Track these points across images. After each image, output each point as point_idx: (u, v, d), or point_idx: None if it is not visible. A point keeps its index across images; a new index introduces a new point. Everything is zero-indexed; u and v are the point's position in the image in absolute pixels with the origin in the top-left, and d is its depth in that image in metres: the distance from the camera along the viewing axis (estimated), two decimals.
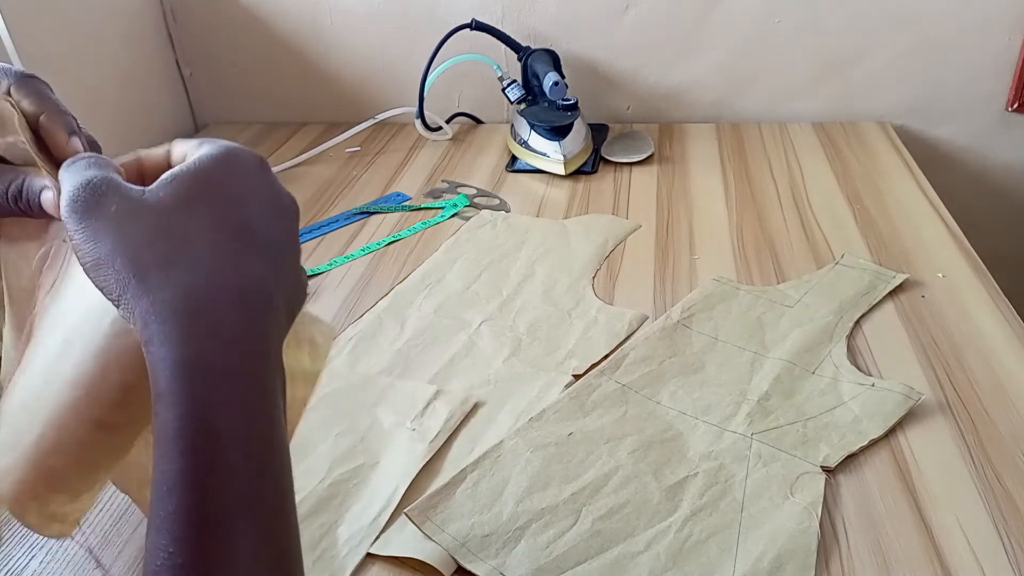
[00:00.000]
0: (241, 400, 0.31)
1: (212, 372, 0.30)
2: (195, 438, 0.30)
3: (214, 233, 0.33)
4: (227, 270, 0.32)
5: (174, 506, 0.29)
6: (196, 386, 0.30)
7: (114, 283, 0.31)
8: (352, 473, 0.55)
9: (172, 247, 0.32)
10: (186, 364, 0.30)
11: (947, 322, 0.68)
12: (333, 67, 1.22)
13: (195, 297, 0.31)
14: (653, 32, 1.13)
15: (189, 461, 0.29)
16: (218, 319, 0.31)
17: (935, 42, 1.09)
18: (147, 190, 0.33)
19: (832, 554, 0.48)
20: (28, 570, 0.50)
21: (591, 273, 0.79)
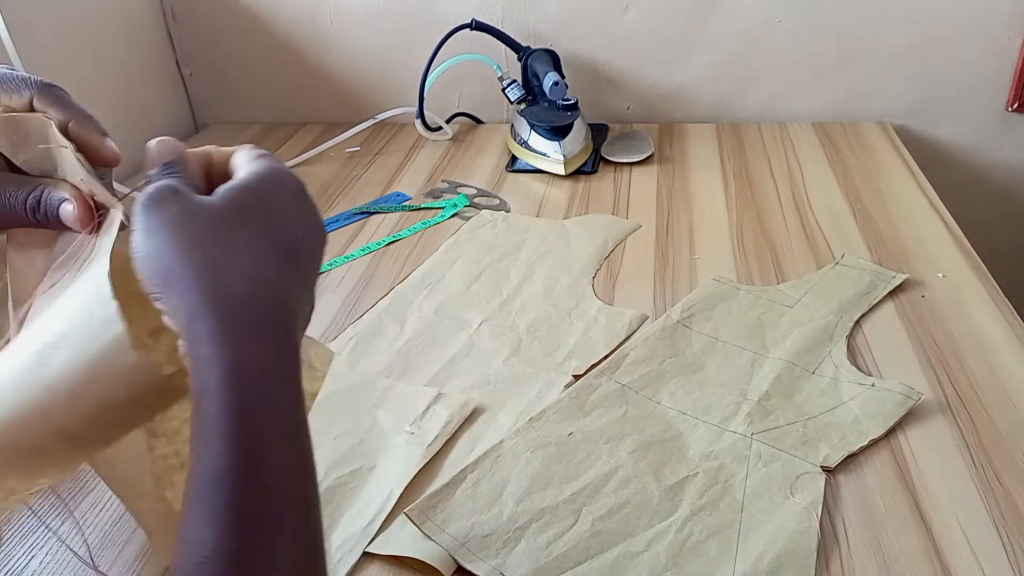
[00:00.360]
0: (285, 402, 0.33)
1: (262, 374, 0.32)
2: (245, 434, 0.31)
3: (261, 244, 0.35)
4: (271, 281, 0.34)
5: (223, 499, 0.30)
6: (245, 386, 0.31)
7: (160, 277, 0.32)
8: (349, 477, 0.55)
9: (224, 251, 0.33)
10: (237, 364, 0.31)
11: (947, 322, 0.68)
12: (333, 67, 1.22)
13: (244, 300, 0.33)
14: (653, 32, 1.13)
15: (239, 457, 0.31)
16: (265, 324, 0.33)
17: (935, 42, 1.09)
18: (207, 198, 0.35)
19: (832, 554, 0.48)
20: (28, 570, 0.50)
21: (591, 273, 0.79)
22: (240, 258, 0.34)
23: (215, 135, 1.25)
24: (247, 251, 0.34)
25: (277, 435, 0.32)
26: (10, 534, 0.53)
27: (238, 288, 0.33)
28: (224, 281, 0.33)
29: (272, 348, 0.33)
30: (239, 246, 0.34)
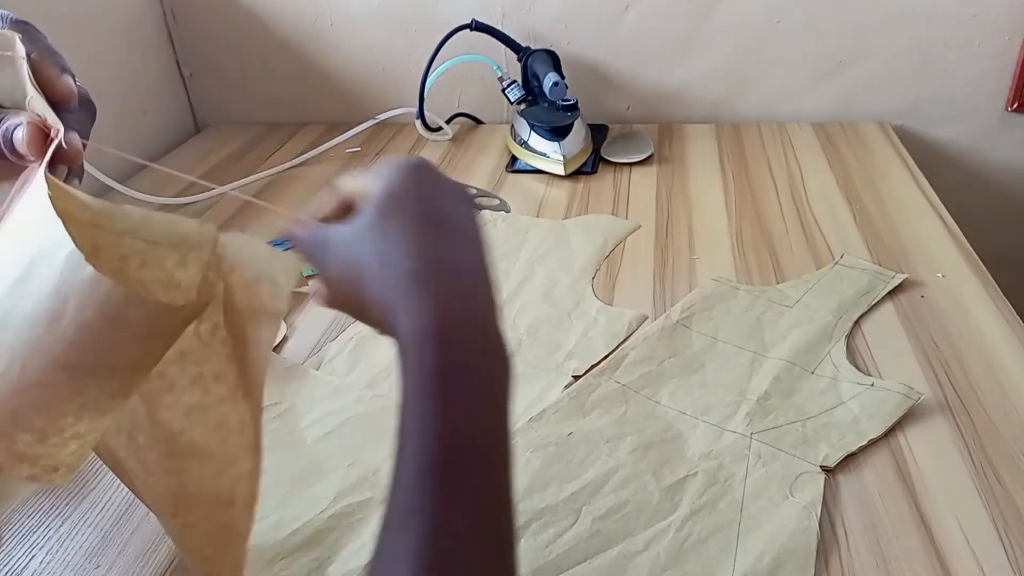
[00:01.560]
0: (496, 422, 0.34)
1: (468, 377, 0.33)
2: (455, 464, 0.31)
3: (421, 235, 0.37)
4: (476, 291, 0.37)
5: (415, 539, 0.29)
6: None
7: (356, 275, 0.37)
8: (357, 507, 0.53)
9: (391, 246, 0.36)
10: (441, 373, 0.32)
11: (947, 322, 0.68)
12: (333, 68, 1.23)
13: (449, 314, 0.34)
14: (653, 32, 1.13)
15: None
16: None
17: (935, 42, 1.09)
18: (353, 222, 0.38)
19: (832, 554, 0.48)
20: (28, 570, 0.50)
21: (591, 273, 0.79)
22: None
23: (215, 136, 1.25)
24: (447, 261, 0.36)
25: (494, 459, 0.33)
26: (10, 534, 0.53)
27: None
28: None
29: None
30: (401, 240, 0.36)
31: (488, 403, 0.33)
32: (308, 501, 0.53)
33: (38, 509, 0.55)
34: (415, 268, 0.35)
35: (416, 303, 0.34)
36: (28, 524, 0.54)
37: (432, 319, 0.33)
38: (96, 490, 0.56)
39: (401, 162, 0.40)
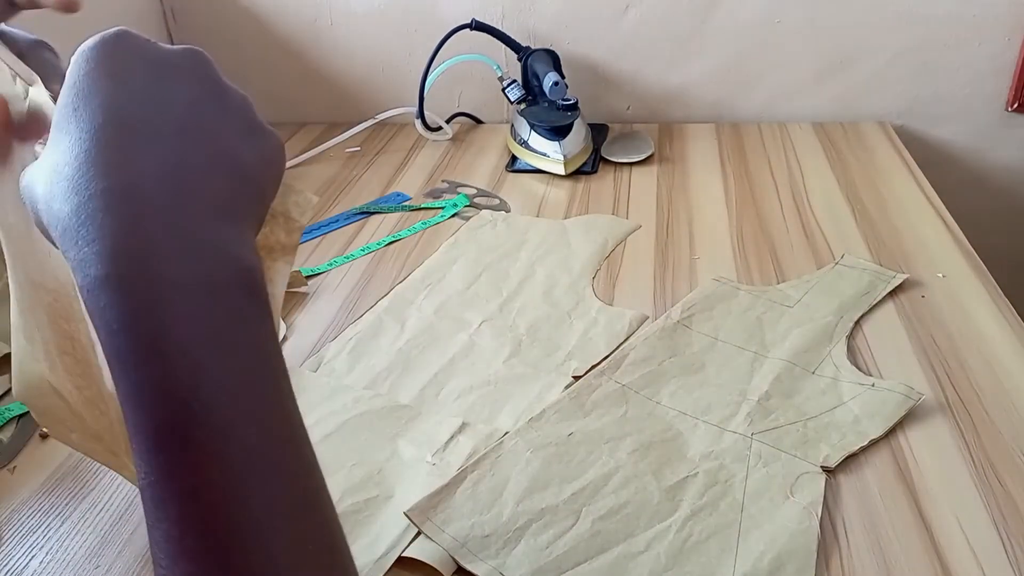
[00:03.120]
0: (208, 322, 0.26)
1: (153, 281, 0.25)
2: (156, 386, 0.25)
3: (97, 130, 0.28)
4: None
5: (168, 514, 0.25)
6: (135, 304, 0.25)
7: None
8: (363, 505, 0.53)
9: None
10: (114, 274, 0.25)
11: (947, 322, 0.68)
12: (333, 67, 1.22)
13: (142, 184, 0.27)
14: (653, 32, 1.13)
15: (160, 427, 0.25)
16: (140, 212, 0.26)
17: (935, 42, 1.09)
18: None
19: (832, 554, 0.48)
20: (28, 570, 0.50)
21: (591, 273, 0.79)
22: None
23: None
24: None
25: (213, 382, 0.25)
26: (10, 534, 0.53)
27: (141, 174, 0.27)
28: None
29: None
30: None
31: (214, 345, 0.26)
32: None
33: (38, 509, 0.55)
34: (81, 201, 0.26)
35: (87, 242, 0.25)
36: (28, 524, 0.53)
37: (102, 260, 0.25)
38: (96, 490, 0.56)
39: (86, 44, 0.30)
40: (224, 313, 0.26)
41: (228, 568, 0.24)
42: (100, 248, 0.25)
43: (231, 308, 0.27)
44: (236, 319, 0.27)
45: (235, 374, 0.26)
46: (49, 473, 0.58)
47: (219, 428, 0.25)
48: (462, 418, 0.60)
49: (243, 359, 0.26)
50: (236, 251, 0.28)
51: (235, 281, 0.27)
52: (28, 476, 0.58)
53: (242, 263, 0.28)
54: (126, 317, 0.25)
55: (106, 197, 0.26)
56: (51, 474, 0.58)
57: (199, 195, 0.28)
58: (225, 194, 0.29)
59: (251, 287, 0.28)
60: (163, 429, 0.25)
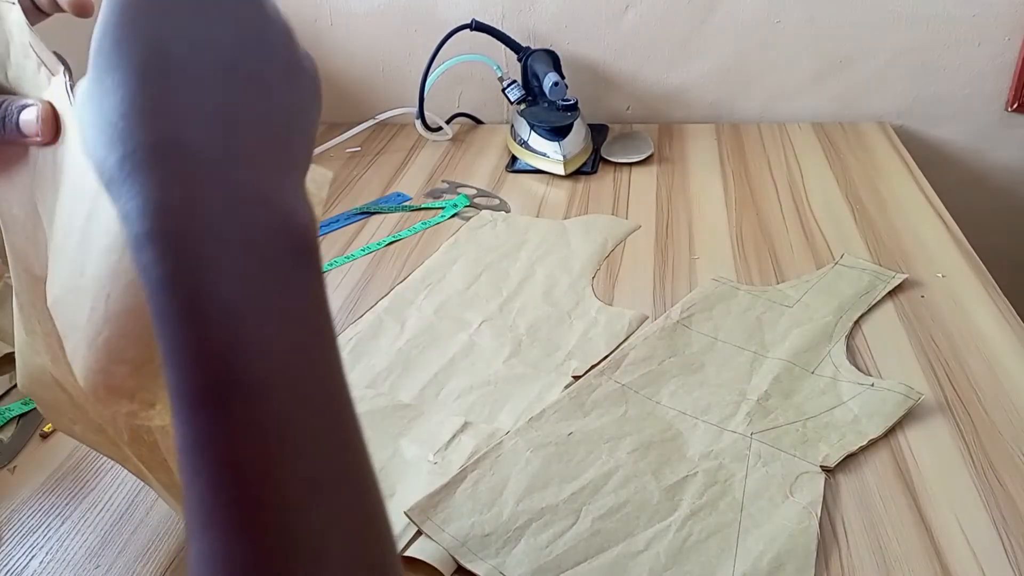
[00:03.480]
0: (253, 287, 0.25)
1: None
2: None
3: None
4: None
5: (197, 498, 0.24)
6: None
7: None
8: None
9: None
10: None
11: (947, 322, 0.68)
12: (333, 67, 1.22)
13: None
14: (653, 33, 1.13)
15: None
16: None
17: (935, 42, 1.09)
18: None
19: (832, 554, 0.48)
20: (28, 570, 0.50)
21: (591, 273, 0.79)
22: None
23: None
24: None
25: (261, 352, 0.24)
26: (10, 534, 0.53)
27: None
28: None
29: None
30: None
31: (257, 307, 0.24)
32: None
33: (38, 509, 0.55)
34: (126, 153, 0.25)
35: (131, 197, 0.24)
36: (28, 524, 0.54)
37: (144, 216, 0.24)
38: (96, 490, 0.56)
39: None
40: (270, 273, 0.25)
41: (256, 541, 0.23)
42: (142, 203, 0.24)
43: (278, 268, 0.25)
44: (283, 280, 0.25)
45: (277, 339, 0.25)
46: (49, 473, 0.58)
47: (256, 394, 0.24)
48: (464, 417, 0.60)
49: (287, 323, 0.25)
50: (286, 205, 0.26)
51: (284, 239, 0.26)
52: (28, 476, 0.58)
53: (293, 219, 0.26)
54: (167, 275, 0.24)
55: (149, 151, 0.25)
56: (51, 474, 0.58)
57: (246, 146, 0.26)
58: (273, 143, 0.28)
59: (302, 245, 0.26)
60: (200, 392, 0.24)
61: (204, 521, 0.24)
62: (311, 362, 0.26)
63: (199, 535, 0.24)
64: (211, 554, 0.24)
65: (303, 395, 0.25)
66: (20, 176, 0.38)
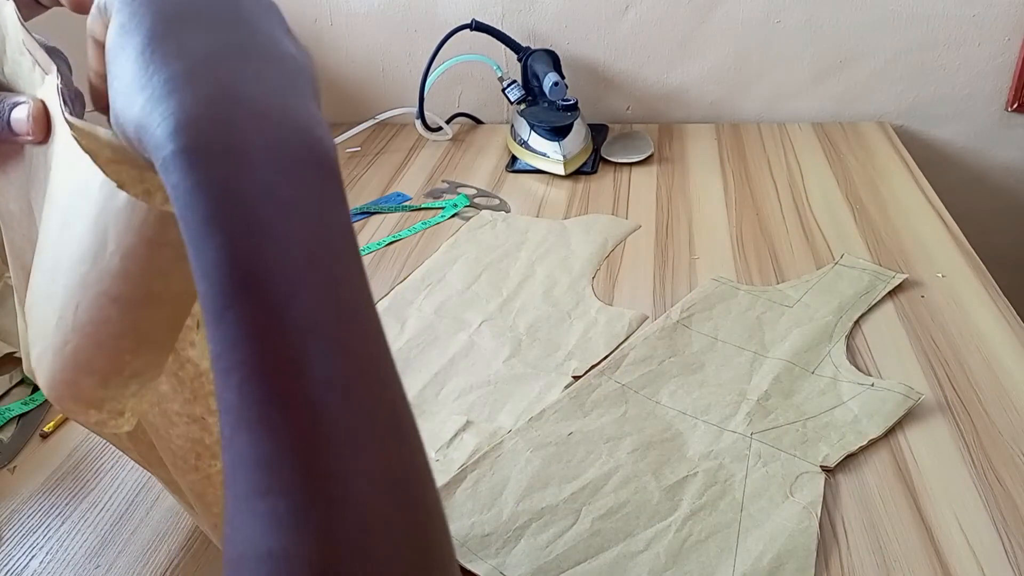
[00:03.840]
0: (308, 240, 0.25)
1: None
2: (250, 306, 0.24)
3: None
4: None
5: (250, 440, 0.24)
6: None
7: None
8: None
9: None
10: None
11: (947, 322, 0.68)
12: (333, 67, 1.23)
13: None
14: (653, 32, 1.13)
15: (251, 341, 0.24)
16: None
17: (935, 42, 1.09)
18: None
19: (832, 554, 0.48)
20: (28, 570, 0.50)
21: (591, 273, 0.79)
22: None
23: None
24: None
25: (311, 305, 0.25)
26: (10, 534, 0.53)
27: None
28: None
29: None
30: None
31: (281, 214, 0.25)
32: None
33: (38, 509, 0.55)
34: (147, 96, 0.26)
35: (158, 124, 0.25)
36: (28, 524, 0.54)
37: (170, 139, 0.25)
38: (96, 490, 0.56)
39: None
40: (294, 181, 0.26)
41: (286, 439, 0.24)
42: (167, 127, 0.25)
43: (302, 177, 0.26)
44: (307, 188, 0.26)
45: (300, 244, 0.25)
46: (49, 473, 0.58)
47: (280, 296, 0.24)
48: (466, 416, 0.60)
49: (311, 229, 0.25)
50: (307, 123, 0.27)
51: (307, 151, 0.26)
52: (28, 476, 0.58)
53: (314, 134, 0.27)
54: (194, 185, 0.24)
55: (169, 84, 0.25)
56: (51, 474, 0.58)
57: (262, 74, 0.27)
58: (287, 75, 0.28)
59: (323, 159, 0.27)
60: (227, 295, 0.24)
61: (234, 424, 0.24)
62: (335, 267, 0.26)
63: (230, 440, 0.24)
64: (241, 456, 0.24)
65: (327, 298, 0.25)
66: (16, 172, 0.39)
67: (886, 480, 0.53)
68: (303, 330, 0.24)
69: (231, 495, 0.25)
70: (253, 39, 0.28)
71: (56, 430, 0.62)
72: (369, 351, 0.27)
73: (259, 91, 0.26)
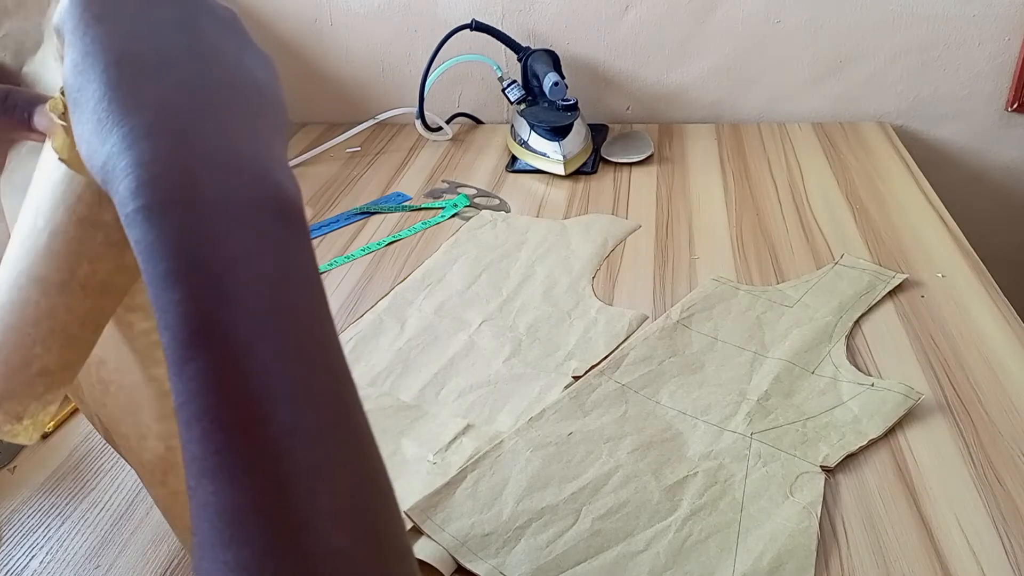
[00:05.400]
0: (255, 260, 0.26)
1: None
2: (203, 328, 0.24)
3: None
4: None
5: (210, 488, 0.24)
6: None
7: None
8: None
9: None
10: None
11: (947, 322, 0.68)
12: (333, 67, 1.23)
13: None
14: (653, 32, 1.13)
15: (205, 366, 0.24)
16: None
17: (935, 42, 1.09)
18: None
19: (832, 554, 0.48)
20: (28, 570, 0.50)
21: (591, 273, 0.79)
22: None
23: None
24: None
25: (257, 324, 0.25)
26: (10, 534, 0.53)
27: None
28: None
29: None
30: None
31: (239, 265, 0.25)
32: None
33: (38, 509, 0.55)
34: (110, 150, 0.26)
35: (121, 179, 0.25)
36: (28, 524, 0.54)
37: (132, 196, 0.25)
38: (96, 490, 0.56)
39: (63, 1, 0.29)
40: (251, 232, 0.26)
41: (248, 490, 0.24)
42: (127, 184, 0.25)
43: (259, 228, 0.26)
44: (264, 239, 0.26)
45: (256, 296, 0.25)
46: (49, 473, 0.58)
47: (239, 349, 0.25)
48: (467, 419, 0.60)
49: (266, 281, 0.26)
50: (265, 169, 0.27)
51: (265, 200, 0.27)
52: (28, 476, 0.58)
53: (271, 181, 0.27)
54: (151, 243, 0.25)
55: (128, 139, 0.26)
56: (51, 474, 0.58)
57: (221, 117, 0.27)
58: (249, 113, 0.28)
59: (282, 206, 0.27)
60: (185, 351, 0.25)
61: (198, 474, 0.25)
62: (294, 313, 0.26)
63: (194, 490, 0.25)
64: (205, 505, 0.25)
65: (287, 348, 0.26)
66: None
67: (886, 480, 0.53)
68: (263, 380, 0.25)
69: (197, 542, 0.25)
70: (213, 76, 0.28)
71: (56, 430, 0.62)
72: (332, 396, 0.27)
73: (216, 140, 0.26)
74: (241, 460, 0.24)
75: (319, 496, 0.25)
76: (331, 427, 0.26)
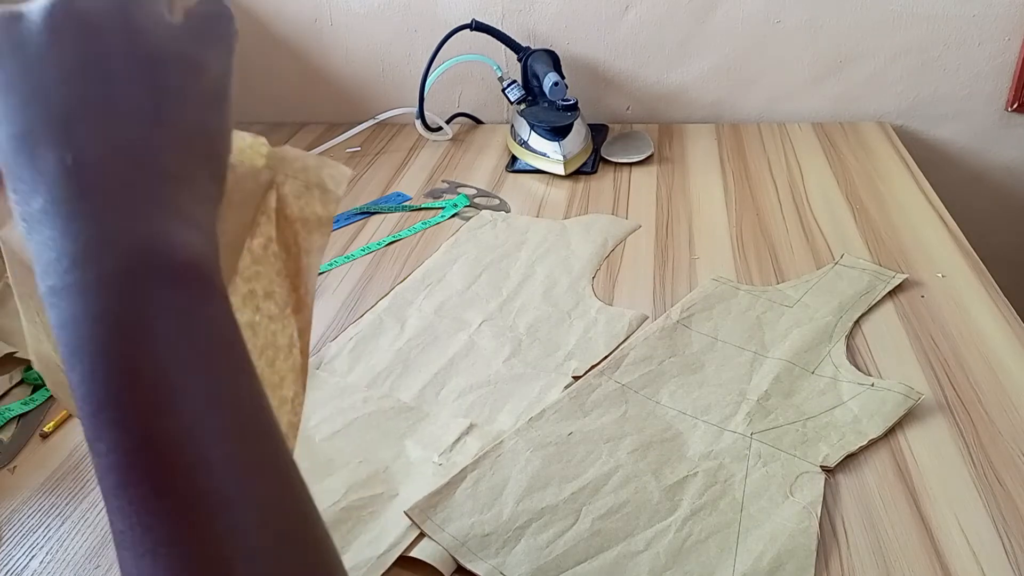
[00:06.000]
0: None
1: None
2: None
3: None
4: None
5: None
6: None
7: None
8: (368, 501, 0.53)
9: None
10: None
11: (947, 322, 0.68)
12: (333, 67, 1.23)
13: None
14: (653, 32, 1.13)
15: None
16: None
17: (935, 42, 1.09)
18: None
19: (832, 554, 0.48)
20: (28, 570, 0.50)
21: (591, 273, 0.79)
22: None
23: None
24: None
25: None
26: (10, 534, 0.53)
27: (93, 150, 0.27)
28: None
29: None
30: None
31: (128, 339, 0.26)
32: (319, 494, 0.53)
33: (38, 509, 0.55)
34: (24, 224, 0.27)
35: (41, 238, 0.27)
36: (28, 524, 0.54)
37: (40, 280, 0.26)
38: (96, 490, 0.56)
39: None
40: (141, 304, 0.26)
41: (173, 541, 0.25)
42: (39, 267, 0.27)
43: (152, 293, 0.27)
44: (162, 303, 0.27)
45: (153, 362, 0.26)
46: (49, 473, 0.58)
47: (140, 415, 0.26)
48: (470, 420, 0.60)
49: (162, 347, 0.26)
50: (157, 233, 0.27)
51: (155, 271, 0.27)
52: (28, 476, 0.58)
53: (161, 244, 0.27)
54: (54, 325, 0.26)
55: (28, 221, 0.27)
56: (51, 474, 0.58)
57: (108, 188, 0.27)
58: (148, 172, 0.28)
59: (174, 267, 0.27)
60: (91, 431, 0.26)
61: (118, 544, 0.26)
62: (199, 372, 0.27)
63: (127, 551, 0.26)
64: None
65: (193, 412, 0.26)
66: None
67: (886, 480, 0.53)
68: (173, 442, 0.26)
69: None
70: (108, 140, 0.28)
71: (56, 430, 0.62)
72: (256, 441, 0.28)
73: (105, 216, 0.27)
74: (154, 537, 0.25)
75: (252, 557, 0.26)
76: (261, 483, 0.27)
